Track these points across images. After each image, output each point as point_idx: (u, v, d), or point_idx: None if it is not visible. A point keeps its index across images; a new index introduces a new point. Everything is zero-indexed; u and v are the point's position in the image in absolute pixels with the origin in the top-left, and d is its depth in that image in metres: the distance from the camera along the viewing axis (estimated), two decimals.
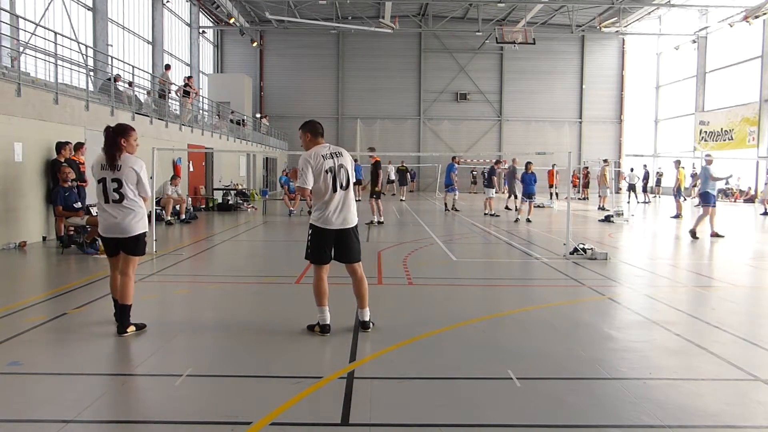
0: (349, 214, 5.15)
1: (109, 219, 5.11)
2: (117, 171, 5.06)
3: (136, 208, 5.15)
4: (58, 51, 12.65)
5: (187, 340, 5.12)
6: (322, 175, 5.02)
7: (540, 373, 4.29)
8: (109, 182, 5.07)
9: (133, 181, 5.11)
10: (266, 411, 3.49)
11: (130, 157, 5.16)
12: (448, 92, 39.79)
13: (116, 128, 5.17)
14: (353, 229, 5.20)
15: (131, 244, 5.16)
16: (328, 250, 5.17)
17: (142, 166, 5.22)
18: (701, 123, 35.03)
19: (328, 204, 5.06)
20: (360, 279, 5.26)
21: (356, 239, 5.24)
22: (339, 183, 5.07)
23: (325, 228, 5.09)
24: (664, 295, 7.25)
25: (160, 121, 17.49)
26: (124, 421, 3.50)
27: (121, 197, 5.09)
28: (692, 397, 3.89)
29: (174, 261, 9.29)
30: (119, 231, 5.11)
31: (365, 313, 5.28)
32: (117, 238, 5.15)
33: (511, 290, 7.79)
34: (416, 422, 3.44)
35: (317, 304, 5.18)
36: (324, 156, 5.05)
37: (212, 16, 35.37)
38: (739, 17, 29.27)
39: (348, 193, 5.15)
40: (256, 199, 24.87)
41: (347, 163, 5.16)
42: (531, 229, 14.92)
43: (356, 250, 5.24)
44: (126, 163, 5.09)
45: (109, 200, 5.09)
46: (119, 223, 5.09)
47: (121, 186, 5.08)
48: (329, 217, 5.07)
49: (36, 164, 11.18)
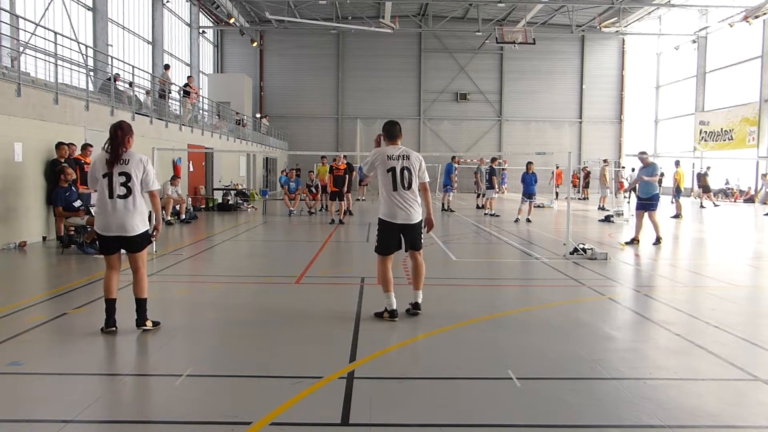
0: (412, 211, 5.62)
1: (112, 216, 4.95)
2: (125, 164, 4.96)
3: (141, 205, 5.06)
4: (58, 51, 12.65)
5: (187, 340, 5.12)
6: (384, 173, 5.56)
7: (540, 373, 4.29)
8: (116, 176, 4.94)
9: (140, 174, 5.01)
10: (266, 411, 3.49)
11: (134, 151, 5.12)
12: (448, 92, 39.77)
13: (123, 125, 5.10)
14: (416, 224, 5.70)
15: (136, 242, 5.07)
16: (392, 242, 5.67)
17: (148, 159, 5.21)
18: (701, 123, 35.02)
19: (390, 200, 5.58)
20: (418, 264, 5.81)
21: (419, 232, 5.76)
22: (402, 183, 5.55)
23: (389, 221, 5.62)
24: (664, 295, 7.25)
25: (160, 121, 17.49)
26: (124, 421, 3.50)
27: (128, 192, 4.96)
28: (692, 397, 3.89)
29: (174, 261, 9.29)
30: (124, 229, 4.97)
31: (418, 294, 5.79)
32: (120, 237, 5.01)
33: (511, 290, 7.79)
34: (416, 422, 3.44)
35: (384, 290, 5.65)
36: (390, 156, 5.58)
37: (212, 16, 35.35)
38: (739, 17, 29.26)
39: (409, 193, 5.59)
40: (256, 199, 24.87)
41: (413, 166, 5.61)
42: (531, 229, 14.92)
43: (418, 240, 5.79)
44: (133, 157, 5.03)
45: (114, 195, 4.93)
46: (124, 222, 4.96)
47: (129, 180, 4.96)
48: (392, 212, 5.59)
49: (36, 164, 11.18)
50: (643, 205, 11.70)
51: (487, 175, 19.41)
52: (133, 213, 4.99)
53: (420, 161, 5.70)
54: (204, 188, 21.73)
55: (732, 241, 13.72)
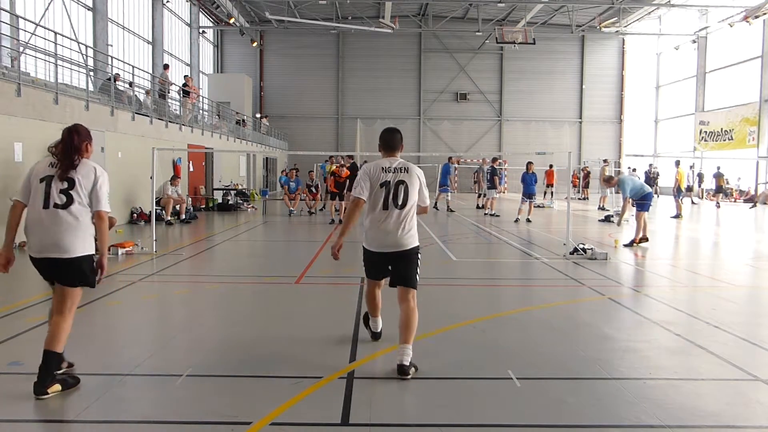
0: (403, 235, 4.39)
1: (43, 231, 3.82)
2: (72, 170, 3.85)
3: (83, 220, 3.85)
4: (58, 51, 12.65)
5: (187, 340, 5.12)
6: (377, 188, 4.40)
7: (540, 373, 4.29)
8: (56, 181, 3.82)
9: (89, 185, 3.86)
10: (266, 411, 3.49)
11: (90, 161, 4.01)
12: (448, 92, 39.76)
13: (80, 129, 4.01)
14: (409, 252, 4.44)
15: (70, 269, 3.83)
16: (380, 273, 4.61)
17: (105, 173, 4.02)
18: (701, 123, 35.02)
19: (376, 222, 4.41)
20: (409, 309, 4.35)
21: (413, 263, 4.47)
22: (394, 200, 4.37)
23: (373, 251, 4.49)
24: (664, 295, 7.25)
25: (160, 121, 17.49)
26: (125, 421, 3.50)
27: (68, 200, 3.81)
28: (692, 397, 3.89)
29: (174, 261, 9.29)
30: (58, 248, 3.80)
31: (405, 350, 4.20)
32: (52, 259, 3.83)
33: (511, 290, 7.80)
34: (416, 422, 3.45)
35: (370, 314, 4.96)
36: (385, 168, 4.44)
37: (212, 16, 35.35)
38: (739, 17, 29.25)
39: (402, 213, 4.38)
40: (256, 199, 24.87)
41: (411, 182, 4.42)
42: (531, 229, 14.92)
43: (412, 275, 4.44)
44: (85, 164, 3.92)
45: (50, 204, 3.80)
46: (60, 239, 3.79)
47: (72, 187, 3.82)
48: (378, 237, 4.43)
49: None
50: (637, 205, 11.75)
51: (488, 175, 19.40)
52: (72, 228, 3.81)
53: (421, 179, 4.47)
54: (204, 188, 21.74)
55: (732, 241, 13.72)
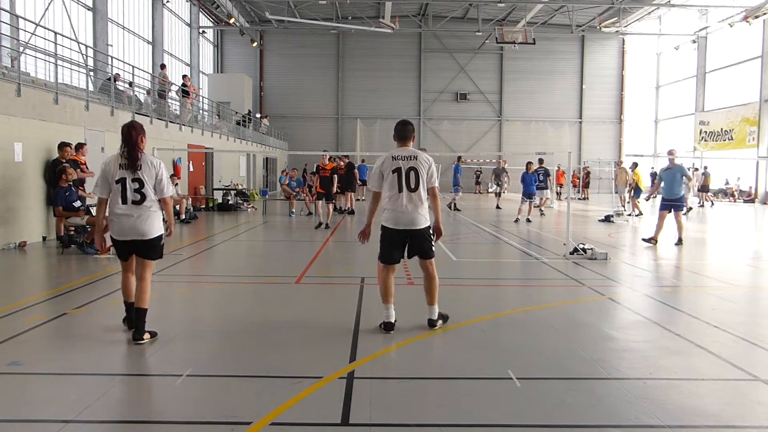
0: (417, 215, 5.16)
1: (126, 221, 4.87)
2: (138, 171, 4.87)
3: (155, 209, 4.96)
4: (58, 51, 12.64)
5: (187, 340, 5.11)
6: (390, 174, 5.16)
7: (540, 373, 4.29)
8: (130, 182, 4.87)
9: (152, 181, 4.92)
10: (266, 411, 3.49)
11: (148, 156, 5.02)
12: (448, 92, 39.76)
13: (135, 125, 5.00)
14: (423, 230, 5.22)
15: (149, 246, 4.95)
16: (396, 251, 5.26)
17: (162, 164, 5.08)
18: (701, 123, 35.02)
19: (393, 203, 5.16)
20: (429, 275, 5.31)
21: (427, 239, 5.26)
22: (407, 184, 5.12)
23: (391, 228, 5.20)
24: (664, 295, 7.25)
25: (160, 121, 17.49)
26: (124, 421, 3.50)
27: (142, 198, 4.89)
28: (692, 397, 3.89)
29: (174, 261, 9.28)
30: (137, 233, 4.89)
31: (433, 310, 5.33)
32: (134, 241, 4.92)
33: (511, 290, 7.79)
34: (416, 422, 3.44)
35: (383, 301, 5.29)
36: (395, 157, 5.20)
37: (212, 16, 35.35)
38: (739, 17, 29.26)
39: (414, 195, 5.14)
40: (256, 199, 24.87)
41: (421, 167, 5.17)
42: (531, 229, 14.92)
43: (428, 248, 5.27)
44: (146, 162, 4.93)
45: (128, 201, 4.86)
46: (138, 226, 4.88)
47: (142, 186, 4.89)
48: (395, 216, 5.17)
49: (36, 164, 11.17)
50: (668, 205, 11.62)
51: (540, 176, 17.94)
52: (147, 218, 4.90)
53: (429, 163, 5.23)
54: (204, 188, 21.73)
55: (732, 241, 13.72)
